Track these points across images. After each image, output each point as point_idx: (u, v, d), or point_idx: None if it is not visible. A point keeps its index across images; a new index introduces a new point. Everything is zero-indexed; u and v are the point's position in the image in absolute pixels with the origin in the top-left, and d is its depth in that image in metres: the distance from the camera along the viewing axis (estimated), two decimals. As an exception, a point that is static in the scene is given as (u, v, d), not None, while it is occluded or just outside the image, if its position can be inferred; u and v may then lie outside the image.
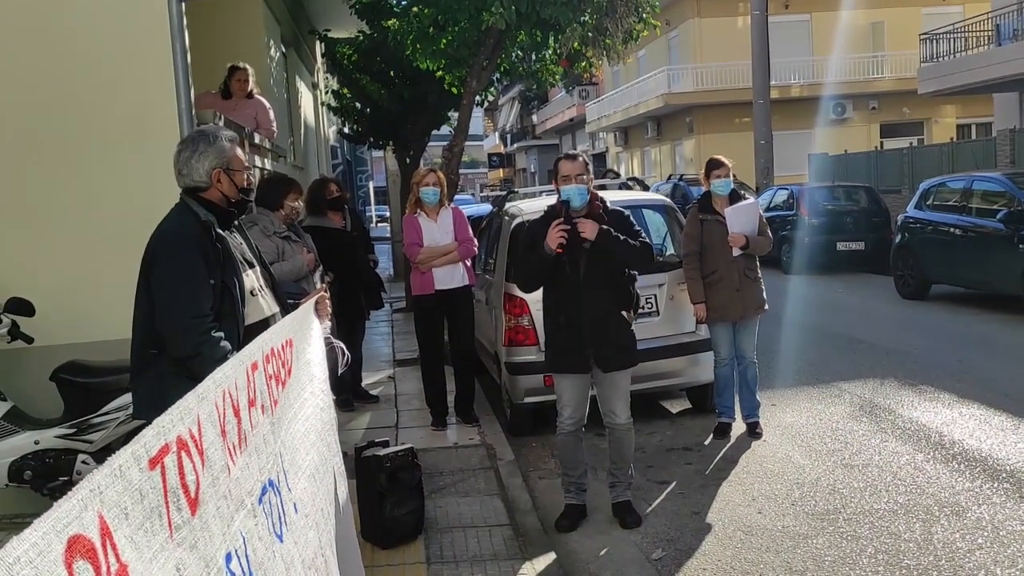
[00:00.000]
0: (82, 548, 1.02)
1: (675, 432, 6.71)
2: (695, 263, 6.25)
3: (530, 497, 5.40)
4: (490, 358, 7.52)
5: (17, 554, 0.92)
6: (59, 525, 1.00)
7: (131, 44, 5.18)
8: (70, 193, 5.19)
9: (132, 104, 5.20)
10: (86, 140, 5.20)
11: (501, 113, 59.38)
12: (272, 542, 1.79)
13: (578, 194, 4.72)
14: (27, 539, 0.94)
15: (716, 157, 6.45)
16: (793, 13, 28.92)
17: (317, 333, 3.09)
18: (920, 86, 22.40)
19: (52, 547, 0.97)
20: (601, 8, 9.80)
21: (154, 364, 3.18)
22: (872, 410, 6.92)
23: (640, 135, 35.67)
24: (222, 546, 1.48)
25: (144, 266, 3.19)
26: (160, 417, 1.36)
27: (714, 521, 4.95)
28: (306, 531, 2.14)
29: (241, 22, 9.11)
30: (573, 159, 4.84)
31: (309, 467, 2.33)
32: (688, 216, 6.47)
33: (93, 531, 1.05)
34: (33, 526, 0.97)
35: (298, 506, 2.10)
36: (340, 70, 14.67)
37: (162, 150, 4.67)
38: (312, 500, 2.29)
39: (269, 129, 7.60)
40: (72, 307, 5.12)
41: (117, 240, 5.02)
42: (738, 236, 6.17)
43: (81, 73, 5.18)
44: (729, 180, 6.33)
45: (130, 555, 1.13)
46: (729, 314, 6.24)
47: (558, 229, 4.61)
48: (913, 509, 4.93)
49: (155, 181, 4.77)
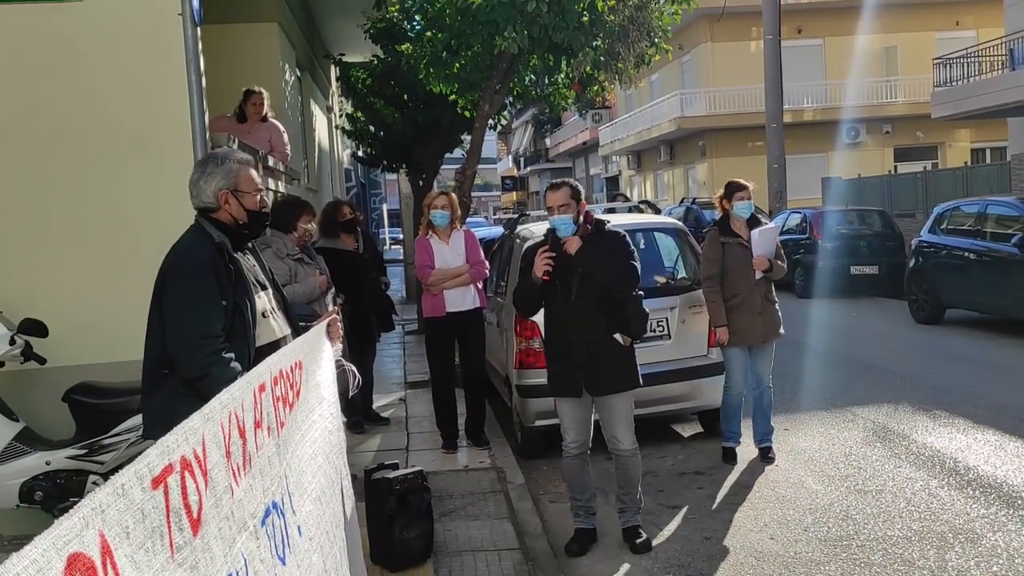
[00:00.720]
0: (82, 566, 1.02)
1: (687, 456, 6.67)
2: (716, 286, 6.20)
3: (540, 521, 5.37)
4: (501, 380, 7.51)
5: (16, 570, 0.92)
6: (59, 542, 1.00)
7: (146, 67, 5.24)
8: (84, 215, 5.24)
9: (147, 127, 5.26)
10: (101, 162, 5.25)
11: (514, 136, 59.61)
12: (274, 565, 1.79)
13: (562, 224, 4.77)
14: (27, 556, 0.94)
15: (737, 180, 6.43)
16: (806, 38, 29.00)
17: (328, 355, 3.09)
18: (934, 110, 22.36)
19: (52, 564, 0.97)
20: (613, 32, 9.86)
21: (165, 384, 3.19)
22: (886, 435, 6.87)
23: (653, 159, 35.73)
24: (223, 567, 1.48)
25: (157, 286, 3.21)
26: (164, 437, 1.37)
27: (726, 547, 4.91)
28: (310, 554, 2.13)
29: (256, 46, 9.20)
30: (556, 188, 4.87)
31: (315, 490, 2.33)
32: (708, 238, 6.40)
33: (94, 549, 1.05)
34: (33, 543, 0.97)
35: (303, 529, 2.10)
36: (354, 94, 14.78)
37: (176, 173, 4.73)
38: (317, 523, 2.28)
39: (283, 152, 7.66)
40: (84, 328, 5.15)
41: (130, 262, 5.06)
42: (762, 259, 6.16)
43: (96, 96, 5.24)
44: (751, 203, 6.32)
45: (131, 574, 1.13)
46: (751, 338, 6.20)
47: (543, 257, 4.71)
48: (927, 536, 4.87)
49: (168, 204, 4.82)
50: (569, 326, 4.79)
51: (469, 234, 6.97)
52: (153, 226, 4.91)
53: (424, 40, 10.67)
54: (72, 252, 5.24)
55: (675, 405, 6.85)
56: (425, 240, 6.79)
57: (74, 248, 5.24)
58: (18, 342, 4.77)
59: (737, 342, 6.20)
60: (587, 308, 4.75)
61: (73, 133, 5.22)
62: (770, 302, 6.29)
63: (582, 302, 4.75)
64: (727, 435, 6.42)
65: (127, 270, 5.05)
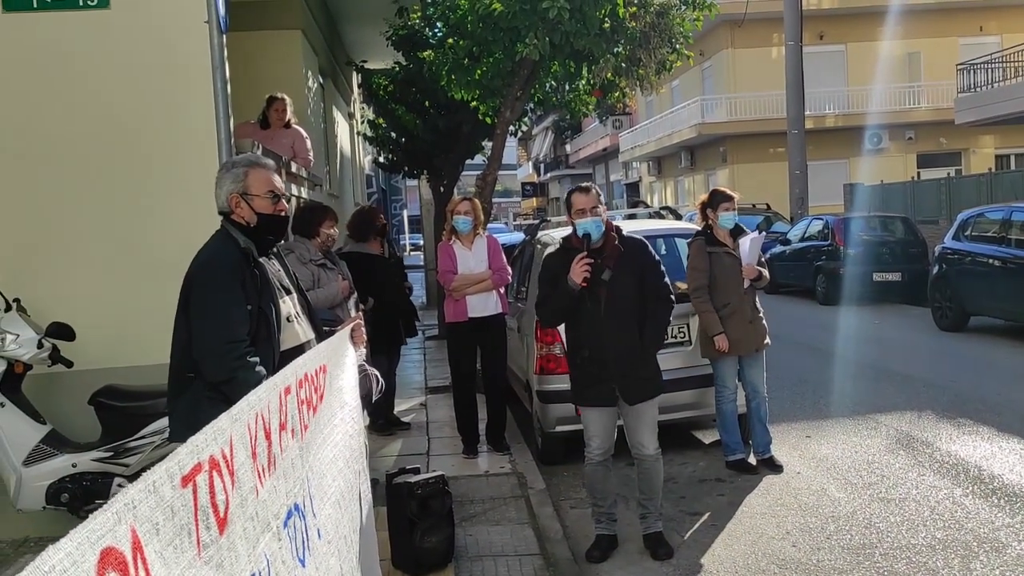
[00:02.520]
0: (114, 560, 1.04)
1: (708, 463, 6.64)
2: (706, 296, 6.16)
3: (561, 526, 5.37)
4: (521, 386, 7.52)
5: (52, 563, 0.94)
6: (93, 536, 1.02)
7: (173, 75, 5.31)
8: (111, 220, 5.30)
9: (173, 133, 5.32)
10: (127, 169, 5.31)
11: (535, 142, 59.65)
12: (295, 567, 1.80)
13: (595, 227, 4.71)
14: (62, 548, 0.96)
15: (722, 189, 6.43)
16: (828, 43, 28.84)
17: (351, 360, 3.11)
18: (957, 116, 22.20)
19: (86, 557, 0.99)
20: (635, 39, 9.86)
21: (191, 388, 3.22)
22: (909, 443, 6.81)
23: (673, 165, 35.65)
24: (247, 567, 1.49)
25: (184, 291, 3.24)
26: (194, 436, 1.39)
27: (747, 554, 4.89)
28: (328, 558, 2.14)
29: (280, 53, 9.26)
30: (586, 192, 4.81)
31: (335, 494, 2.34)
32: (694, 249, 6.34)
33: (125, 544, 1.07)
34: (68, 536, 0.99)
35: (322, 532, 2.11)
36: (376, 100, 14.84)
37: (202, 179, 4.77)
38: (336, 527, 2.30)
39: (306, 158, 7.70)
40: (110, 332, 5.21)
41: (156, 267, 5.12)
42: (752, 268, 6.14)
43: (123, 102, 5.31)
44: (735, 213, 6.30)
45: (159, 570, 1.15)
46: (742, 347, 6.17)
47: (583, 263, 4.59)
48: (951, 545, 4.83)
49: (194, 209, 4.87)
50: (602, 335, 4.73)
51: (492, 240, 6.99)
52: (179, 231, 4.96)
53: (446, 47, 10.70)
54: (99, 257, 5.30)
55: (695, 411, 6.82)
56: (448, 246, 6.82)
57: (101, 253, 5.30)
58: (46, 345, 4.83)
59: (729, 352, 6.17)
60: (619, 317, 4.70)
61: (101, 140, 5.29)
62: (758, 311, 6.26)
63: (614, 310, 4.69)
64: (731, 447, 6.36)
65: (153, 275, 5.11)
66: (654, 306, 4.79)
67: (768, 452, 6.35)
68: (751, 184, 25.54)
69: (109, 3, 5.25)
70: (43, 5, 5.22)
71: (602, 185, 47.38)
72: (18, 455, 4.77)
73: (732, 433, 6.35)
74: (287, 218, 3.53)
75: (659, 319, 4.82)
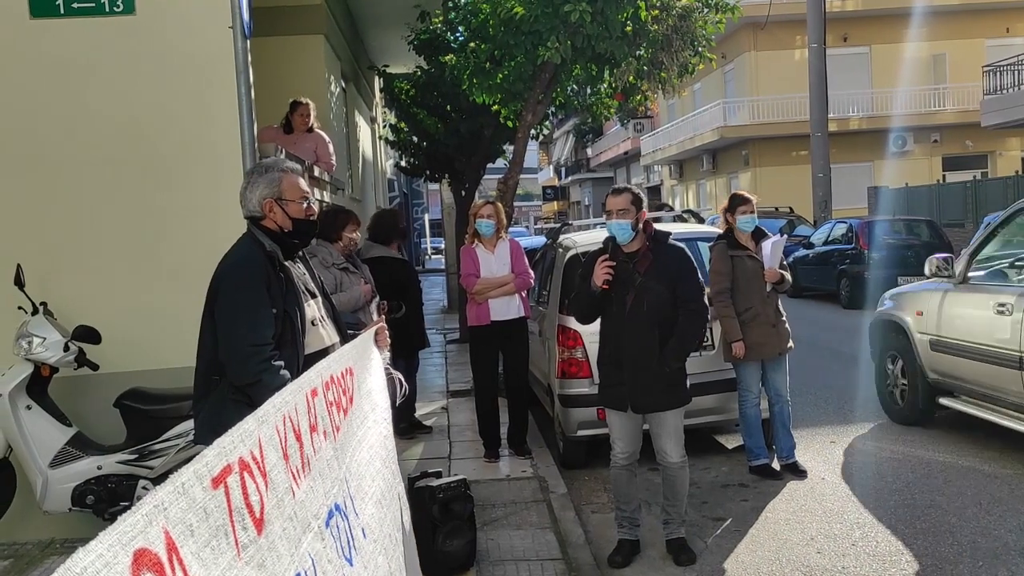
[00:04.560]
0: (148, 562, 1.04)
1: (731, 468, 6.60)
2: (728, 300, 6.12)
3: (583, 531, 5.34)
4: (543, 390, 7.51)
5: (84, 564, 0.94)
6: (124, 538, 1.02)
7: (198, 80, 5.35)
8: (136, 224, 5.35)
9: (198, 137, 5.36)
10: (152, 172, 5.36)
11: (556, 146, 59.68)
12: (342, 565, 1.81)
13: (620, 230, 4.68)
14: (93, 551, 0.96)
15: (740, 193, 6.40)
16: (852, 46, 28.67)
17: (377, 363, 3.12)
18: (983, 118, 21.99)
19: (118, 559, 0.99)
20: (657, 42, 9.83)
21: (216, 390, 3.24)
22: (936, 449, 6.73)
23: (695, 168, 35.54)
24: (291, 566, 1.50)
25: (209, 294, 3.26)
26: (220, 439, 1.39)
27: (771, 560, 4.85)
28: (375, 556, 2.16)
29: (303, 58, 9.32)
30: (618, 193, 4.77)
31: (375, 494, 2.35)
32: (715, 252, 6.29)
33: (159, 546, 1.07)
34: (98, 538, 0.98)
35: (366, 531, 2.12)
36: (398, 105, 14.89)
37: (226, 182, 4.81)
38: (380, 526, 2.31)
39: (328, 162, 7.74)
40: (136, 335, 5.25)
41: (180, 270, 5.16)
42: (774, 271, 6.10)
43: (148, 107, 5.36)
44: (755, 217, 6.26)
45: (197, 571, 1.15)
46: (765, 351, 6.14)
47: (603, 266, 4.61)
48: (979, 552, 4.76)
49: (218, 212, 4.91)
50: (620, 339, 4.72)
51: (514, 243, 6.99)
52: (204, 235, 5.00)
53: (467, 51, 10.72)
54: (124, 261, 5.35)
55: (718, 416, 6.78)
56: (471, 249, 6.82)
57: (126, 257, 5.35)
58: (72, 348, 4.88)
59: (752, 357, 6.13)
60: (640, 323, 4.66)
61: (126, 144, 5.33)
62: (780, 315, 6.21)
63: (636, 316, 4.66)
64: (755, 452, 6.30)
65: (178, 278, 5.15)
66: (681, 318, 4.72)
67: (792, 457, 6.30)
68: (774, 187, 25.45)
69: (135, 9, 5.29)
70: (69, 11, 5.28)
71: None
72: (44, 457, 4.82)
73: (756, 438, 6.31)
74: (316, 222, 3.55)
75: (683, 331, 4.72)
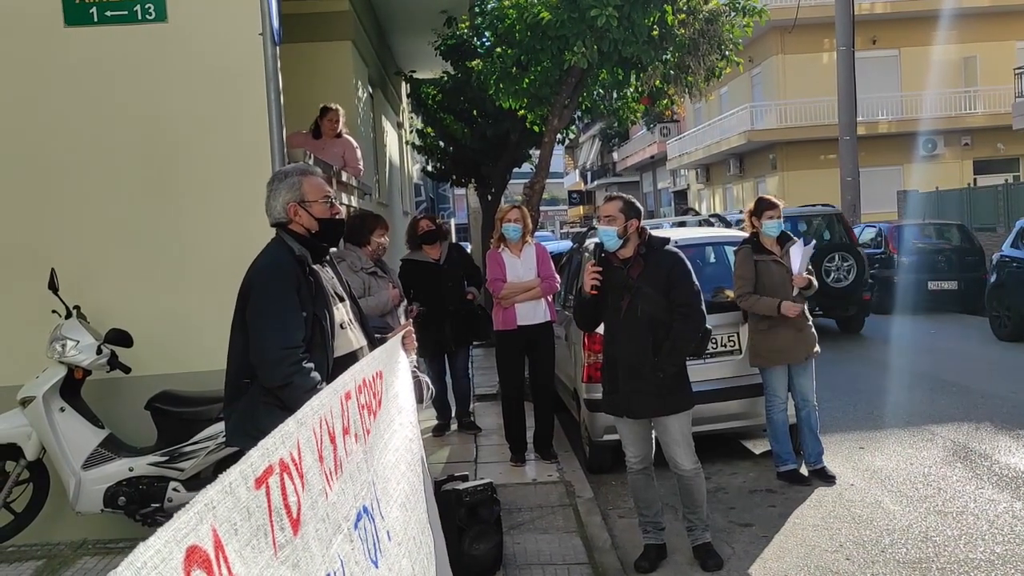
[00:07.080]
0: (199, 558, 1.08)
1: (758, 473, 6.57)
2: (750, 296, 6.13)
3: (609, 536, 5.35)
4: (569, 394, 7.51)
5: (144, 559, 0.99)
6: (178, 535, 1.06)
7: (228, 86, 5.42)
8: (168, 229, 5.42)
9: (228, 143, 5.43)
10: (183, 177, 5.43)
11: (582, 150, 59.61)
12: (368, 567, 1.84)
13: (605, 236, 4.71)
14: (152, 546, 1.00)
15: (767, 197, 6.38)
16: (881, 48, 28.38)
17: (404, 367, 3.15)
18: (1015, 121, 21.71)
19: (173, 555, 1.03)
20: (683, 46, 9.82)
21: (247, 393, 3.28)
22: (966, 455, 6.67)
23: (722, 172, 35.35)
24: (322, 567, 1.53)
25: (240, 298, 3.30)
26: (264, 439, 1.42)
27: (799, 566, 4.82)
28: (400, 559, 2.18)
29: (331, 64, 9.40)
30: (609, 199, 4.81)
31: (400, 496, 2.38)
32: (740, 257, 6.27)
33: (208, 543, 1.11)
34: (156, 534, 1.03)
35: (391, 534, 2.15)
36: (424, 110, 14.98)
37: (255, 187, 4.84)
38: (404, 529, 2.34)
39: (356, 167, 7.81)
40: (167, 339, 5.33)
41: (211, 275, 5.22)
42: (801, 276, 6.08)
43: (180, 114, 5.43)
44: (781, 221, 6.24)
45: (240, 569, 1.19)
46: (792, 356, 6.11)
47: (591, 272, 4.66)
48: (1011, 560, 4.71)
49: (248, 217, 4.95)
50: (615, 345, 4.76)
51: (540, 248, 7.00)
52: (234, 240, 5.06)
53: (494, 56, 10.76)
54: (157, 265, 5.42)
55: (745, 421, 6.76)
56: (497, 254, 6.85)
57: (159, 261, 5.42)
58: (104, 351, 4.95)
59: (778, 360, 6.11)
60: (634, 328, 4.65)
61: (157, 149, 5.41)
62: (806, 319, 6.18)
63: (630, 321, 4.66)
64: (783, 458, 6.27)
65: (209, 282, 5.21)
66: (676, 322, 4.68)
67: (820, 463, 6.26)
68: (802, 191, 25.24)
69: (167, 17, 5.37)
70: (103, 19, 5.37)
71: (649, 193, 47.21)
72: (77, 459, 4.89)
73: (783, 443, 6.27)
74: (343, 221, 3.59)
75: (677, 337, 4.66)
